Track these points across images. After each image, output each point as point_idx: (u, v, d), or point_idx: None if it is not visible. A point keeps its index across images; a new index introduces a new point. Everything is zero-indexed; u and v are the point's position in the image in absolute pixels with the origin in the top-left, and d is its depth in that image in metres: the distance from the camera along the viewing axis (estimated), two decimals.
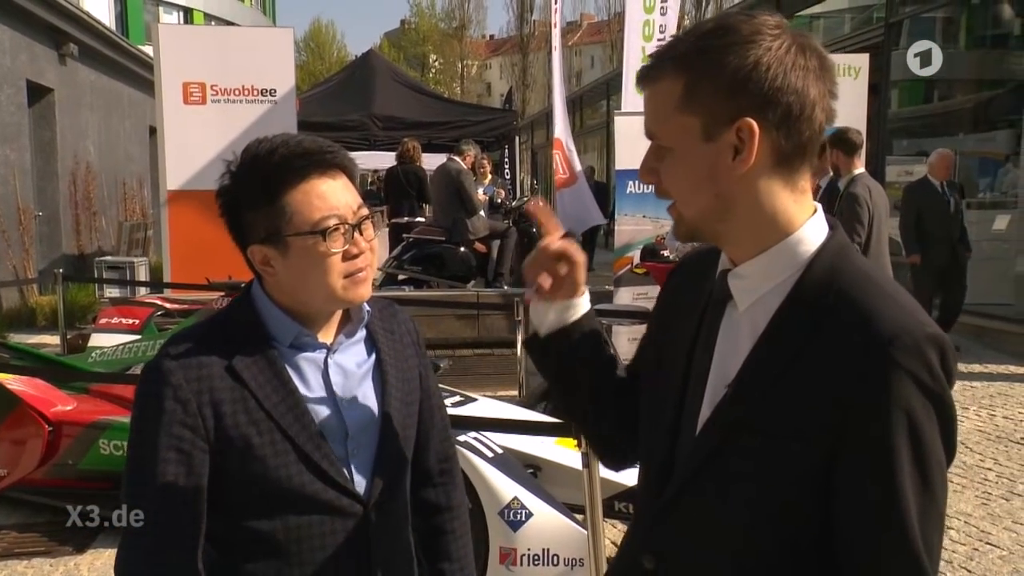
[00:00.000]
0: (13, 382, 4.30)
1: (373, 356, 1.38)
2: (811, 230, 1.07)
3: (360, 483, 1.32)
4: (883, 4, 10.76)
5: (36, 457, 4.19)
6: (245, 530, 1.27)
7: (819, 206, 1.10)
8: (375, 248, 1.32)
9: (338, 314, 1.36)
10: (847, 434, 0.98)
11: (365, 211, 1.30)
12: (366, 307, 1.37)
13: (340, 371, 1.34)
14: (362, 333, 1.38)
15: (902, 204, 7.72)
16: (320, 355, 1.33)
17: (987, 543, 3.91)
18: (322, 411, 1.30)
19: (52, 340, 7.91)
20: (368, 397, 1.35)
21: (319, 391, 1.31)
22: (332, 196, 1.26)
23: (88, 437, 4.14)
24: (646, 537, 1.16)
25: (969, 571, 3.63)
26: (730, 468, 1.06)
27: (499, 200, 9.93)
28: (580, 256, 1.19)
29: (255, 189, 1.26)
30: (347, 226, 1.26)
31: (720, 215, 1.06)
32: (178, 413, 1.22)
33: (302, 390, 1.29)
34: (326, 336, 1.34)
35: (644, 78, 1.08)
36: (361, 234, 1.28)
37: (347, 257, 1.26)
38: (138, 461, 1.24)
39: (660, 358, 1.21)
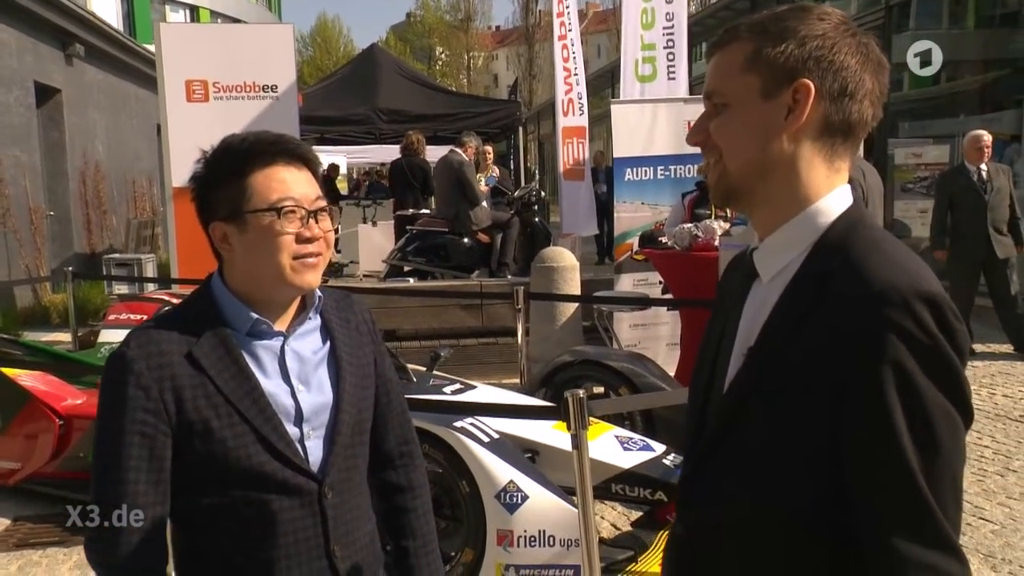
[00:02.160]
0: (25, 378, 4.41)
1: (328, 344, 1.45)
2: (832, 201, 1.10)
3: (315, 463, 1.39)
4: None
5: (48, 451, 4.31)
6: (208, 509, 1.35)
7: (848, 186, 1.12)
8: (330, 241, 1.40)
9: (294, 304, 1.43)
10: (846, 403, 0.99)
11: (323, 203, 1.39)
12: (318, 294, 1.44)
13: (296, 357, 1.41)
14: (317, 321, 1.45)
15: (935, 194, 7.33)
16: (276, 342, 1.40)
17: (980, 518, 3.96)
18: (278, 395, 1.37)
19: (65, 337, 8.03)
20: (323, 382, 1.42)
21: (275, 376, 1.38)
22: (292, 183, 1.36)
23: None
24: (679, 506, 1.22)
25: (962, 545, 3.67)
26: (745, 439, 1.08)
27: (503, 187, 9.97)
28: None
29: (224, 171, 1.36)
30: (303, 211, 1.35)
31: (761, 173, 1.10)
32: (140, 399, 1.29)
33: (259, 375, 1.36)
34: (282, 324, 1.41)
35: (716, 43, 1.15)
36: (317, 223, 1.37)
37: (300, 240, 1.35)
38: (104, 445, 1.32)
39: (703, 344, 1.25)
